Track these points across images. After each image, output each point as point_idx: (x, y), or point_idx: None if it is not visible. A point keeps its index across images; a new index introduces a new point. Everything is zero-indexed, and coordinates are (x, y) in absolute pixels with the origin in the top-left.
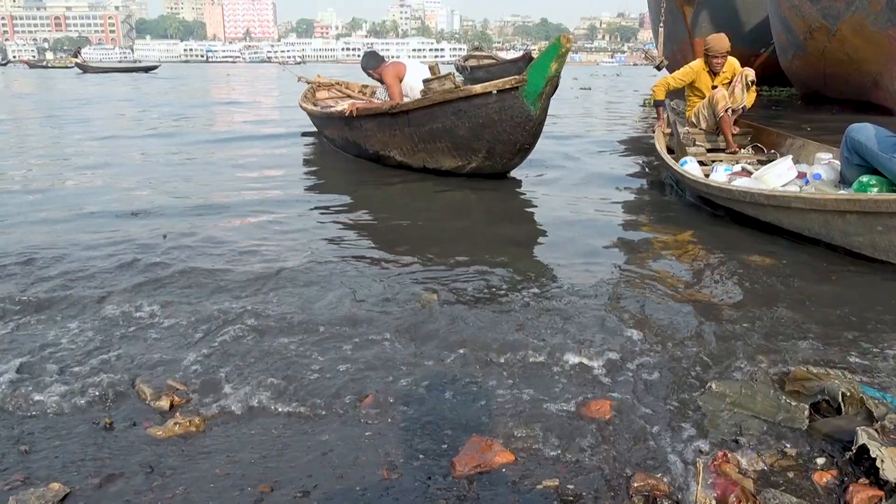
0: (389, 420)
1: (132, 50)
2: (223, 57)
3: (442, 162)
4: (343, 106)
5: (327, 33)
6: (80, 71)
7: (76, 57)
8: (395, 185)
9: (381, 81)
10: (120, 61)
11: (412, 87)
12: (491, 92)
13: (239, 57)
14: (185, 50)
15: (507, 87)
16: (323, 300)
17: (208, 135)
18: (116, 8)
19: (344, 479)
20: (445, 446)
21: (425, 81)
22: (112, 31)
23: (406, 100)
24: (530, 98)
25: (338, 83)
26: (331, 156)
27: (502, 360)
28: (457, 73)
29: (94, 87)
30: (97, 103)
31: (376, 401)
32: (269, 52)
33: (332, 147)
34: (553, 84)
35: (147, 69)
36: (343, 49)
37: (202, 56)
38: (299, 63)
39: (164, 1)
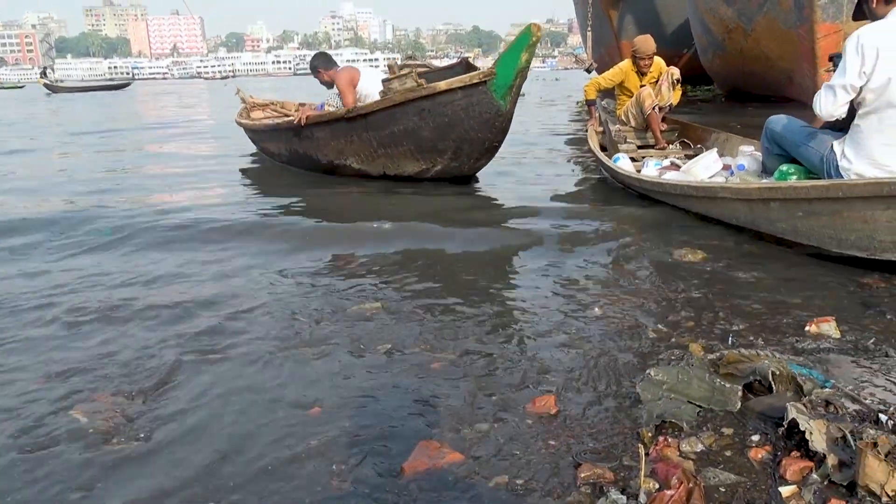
0: (336, 430)
1: (53, 70)
2: (150, 74)
3: (404, 167)
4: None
5: (258, 46)
6: (49, 92)
7: (44, 77)
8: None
9: (331, 85)
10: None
11: (368, 94)
12: (457, 88)
13: (167, 73)
14: (109, 68)
15: (475, 81)
16: (262, 313)
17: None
18: (33, 26)
19: (291, 494)
20: (394, 452)
21: (384, 81)
22: (30, 51)
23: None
24: (500, 92)
25: (272, 103)
26: (275, 174)
27: (446, 364)
28: None
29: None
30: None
31: (322, 411)
32: (198, 67)
33: (278, 163)
34: (523, 76)
35: (120, 87)
36: (273, 62)
37: (128, 73)
38: (226, 77)
39: (85, 18)
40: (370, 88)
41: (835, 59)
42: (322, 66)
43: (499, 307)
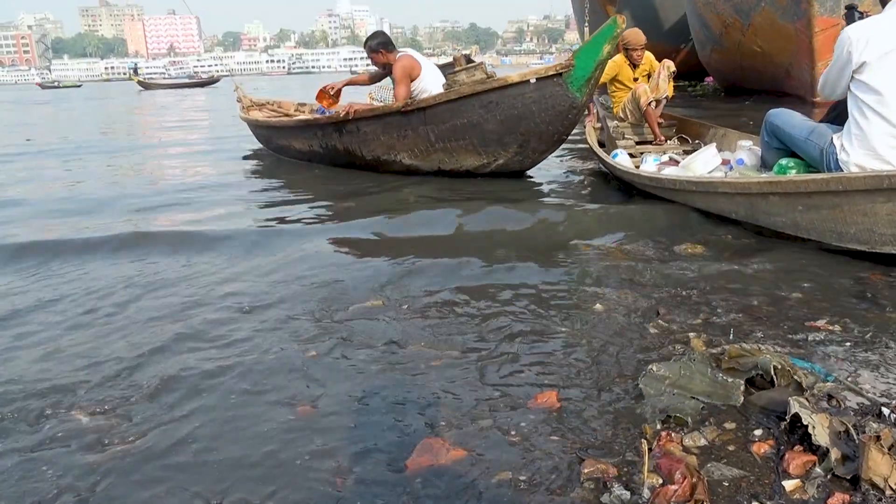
0: (339, 428)
1: (49, 70)
2: (147, 74)
3: (463, 161)
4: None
5: (255, 45)
6: (141, 88)
7: (136, 74)
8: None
9: (383, 68)
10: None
11: (425, 91)
12: (529, 80)
13: (164, 73)
14: (106, 68)
15: (550, 74)
16: (259, 312)
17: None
18: (29, 27)
19: (294, 493)
20: (397, 449)
21: (450, 73)
22: (26, 52)
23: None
24: (576, 84)
25: (268, 102)
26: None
27: (448, 361)
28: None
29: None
30: None
31: (324, 409)
32: (195, 67)
33: (293, 161)
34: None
35: (207, 83)
36: (268, 61)
37: (125, 74)
38: (210, 77)
39: (82, 19)
40: (430, 86)
41: (850, 8)
42: (384, 47)
43: (499, 303)
